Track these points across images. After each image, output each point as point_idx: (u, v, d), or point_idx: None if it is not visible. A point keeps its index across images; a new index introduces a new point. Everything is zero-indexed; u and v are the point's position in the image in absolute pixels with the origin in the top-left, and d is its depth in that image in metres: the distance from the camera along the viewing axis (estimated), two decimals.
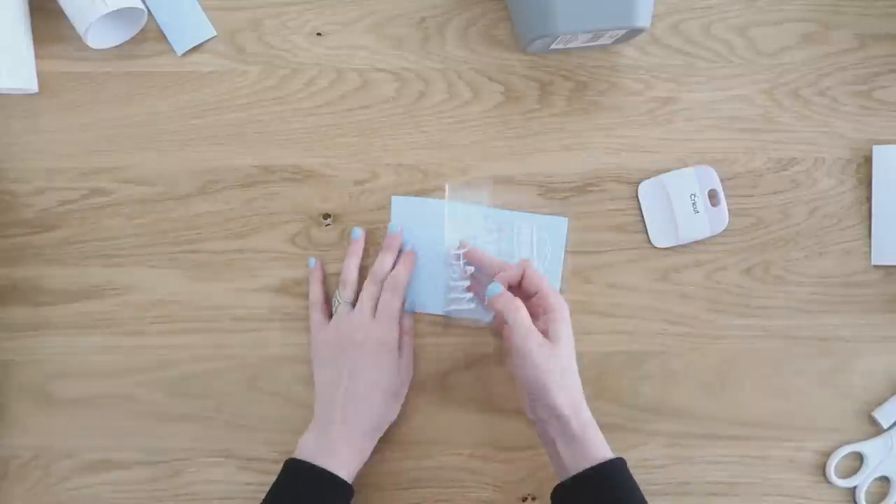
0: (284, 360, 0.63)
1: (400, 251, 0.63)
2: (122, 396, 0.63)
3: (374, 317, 0.60)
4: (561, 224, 0.64)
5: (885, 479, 0.63)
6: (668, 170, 0.64)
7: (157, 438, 0.63)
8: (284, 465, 0.57)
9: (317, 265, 0.63)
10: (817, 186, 0.65)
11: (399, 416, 0.61)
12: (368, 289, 0.61)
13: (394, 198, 0.63)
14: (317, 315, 0.62)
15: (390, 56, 0.65)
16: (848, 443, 0.63)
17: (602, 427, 0.63)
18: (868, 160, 0.65)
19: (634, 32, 0.60)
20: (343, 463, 0.56)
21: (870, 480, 0.63)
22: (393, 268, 0.62)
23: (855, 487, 0.63)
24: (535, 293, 0.57)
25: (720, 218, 0.63)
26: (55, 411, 0.63)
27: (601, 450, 0.54)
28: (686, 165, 0.64)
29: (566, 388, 0.54)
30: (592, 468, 0.52)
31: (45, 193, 0.64)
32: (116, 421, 0.63)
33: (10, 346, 0.63)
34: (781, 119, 0.65)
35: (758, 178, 0.65)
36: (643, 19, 0.58)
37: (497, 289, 0.56)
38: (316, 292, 0.62)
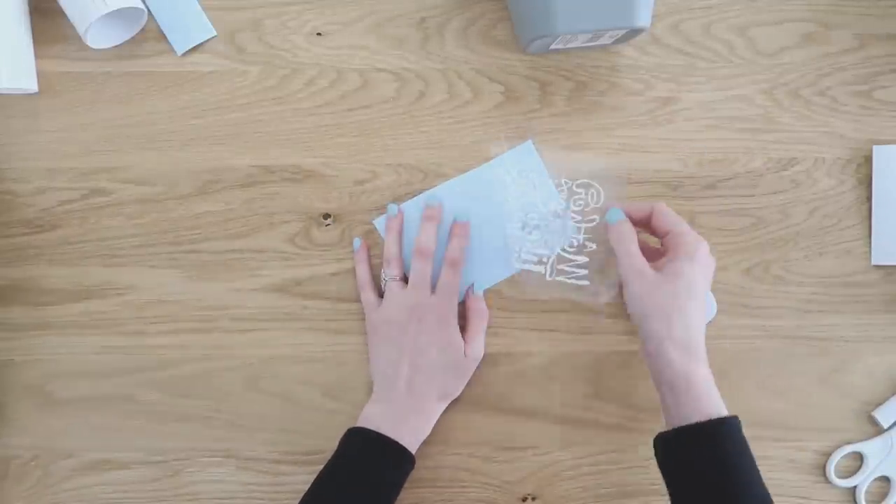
0: (284, 360, 0.63)
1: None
2: (122, 396, 0.63)
3: (432, 292, 0.60)
4: (528, 149, 0.64)
5: (885, 479, 0.63)
6: (669, 170, 0.64)
7: (157, 438, 0.63)
8: (347, 433, 0.58)
9: (362, 245, 0.63)
10: (817, 186, 0.65)
11: None
12: (417, 265, 0.61)
13: (375, 221, 0.64)
14: (368, 295, 0.62)
15: (390, 56, 0.65)
16: (848, 443, 0.63)
17: (602, 427, 0.63)
18: (868, 160, 0.65)
19: (634, 32, 0.60)
20: (408, 434, 0.58)
21: (870, 480, 0.63)
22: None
23: (855, 487, 0.63)
24: (667, 233, 0.56)
25: (708, 305, 0.63)
26: (55, 411, 0.63)
27: (711, 403, 0.51)
28: (687, 166, 0.64)
29: (675, 325, 0.52)
30: (698, 424, 0.50)
31: (45, 193, 0.64)
32: (116, 421, 0.63)
33: (10, 346, 0.63)
34: (781, 119, 0.65)
35: (758, 178, 0.65)
36: (643, 19, 0.58)
37: (618, 214, 0.53)
38: (363, 273, 0.63)
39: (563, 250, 0.62)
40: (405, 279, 0.62)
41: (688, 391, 0.52)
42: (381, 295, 0.62)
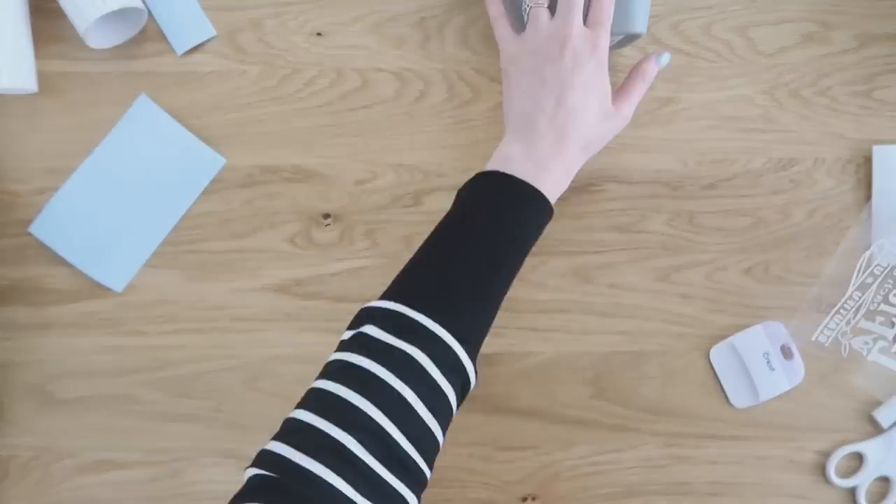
0: (284, 360, 0.63)
1: None
2: (122, 396, 0.63)
3: (585, 25, 0.53)
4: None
5: (885, 479, 0.63)
6: (669, 170, 0.64)
7: (157, 438, 0.63)
8: (479, 176, 0.53)
9: None
10: (817, 186, 0.65)
11: None
12: None
13: None
14: (503, 30, 0.56)
15: (390, 56, 0.65)
16: (848, 443, 0.63)
17: (602, 427, 0.63)
18: (868, 160, 0.65)
19: (631, 38, 0.60)
20: (551, 182, 0.52)
21: (870, 480, 0.63)
22: None
23: (855, 487, 0.63)
24: None
25: (796, 370, 0.62)
26: (55, 411, 0.63)
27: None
28: (687, 166, 0.65)
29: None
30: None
31: (46, 193, 0.64)
32: (116, 421, 0.63)
33: (11, 346, 0.63)
34: (781, 119, 0.65)
35: (758, 178, 0.65)
36: (640, 25, 0.57)
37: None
38: (496, 7, 0.57)
39: None
40: (552, 8, 0.55)
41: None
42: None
